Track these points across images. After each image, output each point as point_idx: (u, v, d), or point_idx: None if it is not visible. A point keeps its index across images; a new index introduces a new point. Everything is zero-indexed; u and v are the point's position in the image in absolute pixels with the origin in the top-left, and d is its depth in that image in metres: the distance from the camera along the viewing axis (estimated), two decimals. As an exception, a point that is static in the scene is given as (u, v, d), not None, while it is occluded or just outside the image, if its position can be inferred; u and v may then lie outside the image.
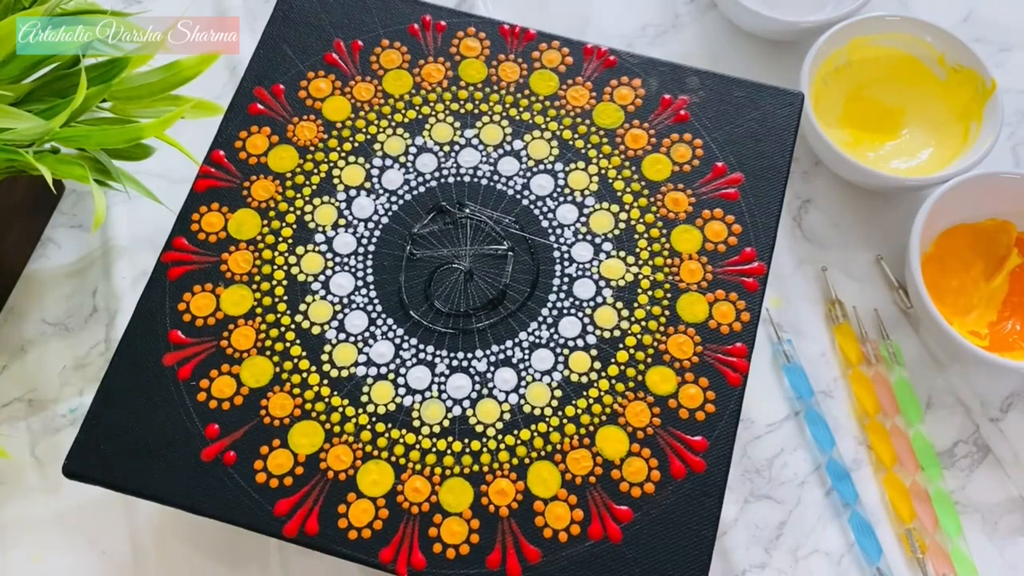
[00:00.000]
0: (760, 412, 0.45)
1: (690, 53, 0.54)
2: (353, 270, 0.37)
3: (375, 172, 0.39)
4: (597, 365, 0.35)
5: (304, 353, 0.35)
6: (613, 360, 0.35)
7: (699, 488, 0.33)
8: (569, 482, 0.33)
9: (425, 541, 0.32)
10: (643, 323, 0.36)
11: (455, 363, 0.35)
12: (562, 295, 0.36)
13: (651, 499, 0.33)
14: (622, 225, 0.38)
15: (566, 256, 0.37)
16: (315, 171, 0.38)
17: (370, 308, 0.36)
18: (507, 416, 0.34)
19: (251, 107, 0.39)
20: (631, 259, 0.37)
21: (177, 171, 0.44)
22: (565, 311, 0.36)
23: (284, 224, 0.37)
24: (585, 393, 0.35)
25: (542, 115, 0.40)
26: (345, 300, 0.36)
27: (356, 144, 0.39)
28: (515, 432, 0.34)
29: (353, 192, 0.38)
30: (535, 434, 0.34)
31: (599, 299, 0.36)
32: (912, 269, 0.43)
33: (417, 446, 0.34)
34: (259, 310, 0.36)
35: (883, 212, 0.50)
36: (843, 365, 0.46)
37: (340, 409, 0.34)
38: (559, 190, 0.38)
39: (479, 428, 0.34)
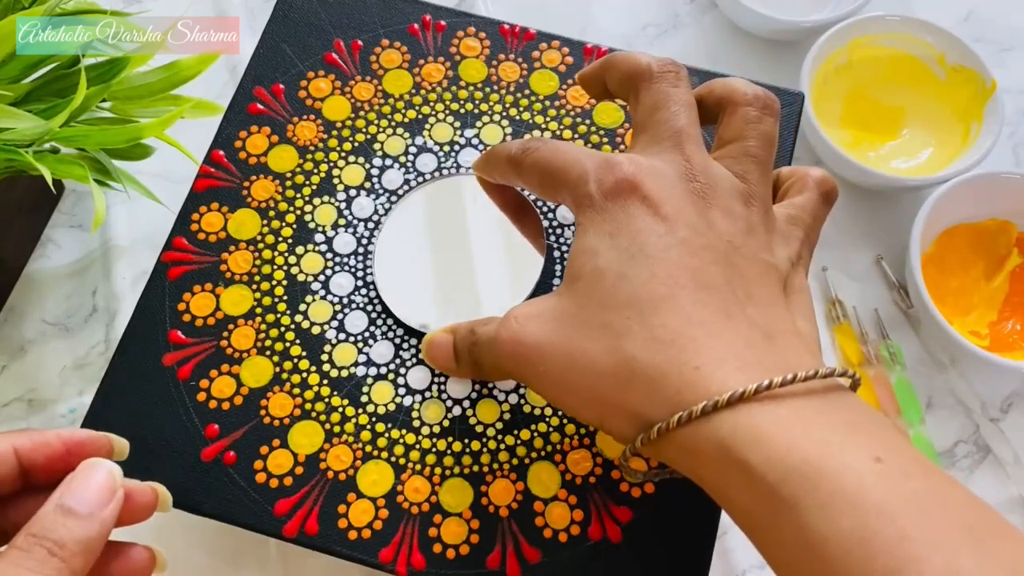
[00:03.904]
0: (760, 412, 0.45)
1: (690, 53, 0.54)
2: (353, 270, 0.37)
3: (375, 172, 0.39)
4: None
5: (304, 353, 0.35)
6: (613, 360, 0.35)
7: (700, 488, 0.33)
8: (569, 482, 0.33)
9: (425, 541, 0.32)
10: (643, 323, 0.36)
11: (455, 363, 0.35)
12: (562, 295, 0.36)
13: (651, 499, 0.33)
14: None
15: (566, 256, 0.37)
16: (315, 171, 0.38)
17: (370, 308, 0.36)
18: (507, 416, 0.34)
19: (251, 107, 0.39)
20: (631, 259, 0.37)
21: (177, 171, 0.44)
22: (565, 311, 0.36)
23: (284, 224, 0.37)
24: (585, 393, 0.35)
25: (542, 115, 0.40)
26: (345, 300, 0.36)
27: (356, 144, 0.39)
28: (515, 432, 0.34)
29: (353, 192, 0.38)
30: (535, 434, 0.34)
31: (599, 299, 0.36)
32: (912, 269, 0.43)
33: (417, 446, 0.34)
34: (259, 310, 0.36)
35: (883, 212, 0.50)
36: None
37: (340, 409, 0.34)
38: (559, 190, 0.38)
39: (479, 428, 0.34)
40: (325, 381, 0.35)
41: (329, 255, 0.37)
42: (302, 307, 0.36)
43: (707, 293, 0.25)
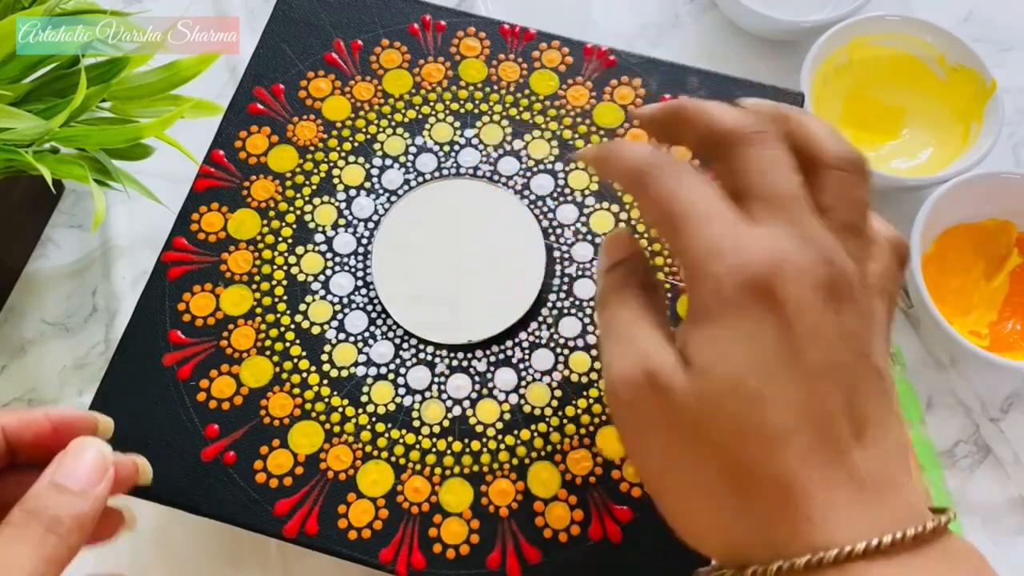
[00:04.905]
0: (760, 412, 0.45)
1: (690, 53, 0.54)
2: (353, 270, 0.37)
3: (375, 172, 0.39)
4: (597, 365, 0.35)
5: (304, 353, 0.35)
6: (613, 360, 0.35)
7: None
8: (569, 482, 0.33)
9: (425, 541, 0.32)
10: (643, 323, 0.36)
11: (455, 363, 0.35)
12: (562, 295, 0.36)
13: (651, 499, 0.33)
14: (622, 225, 0.38)
15: (566, 256, 0.37)
16: (315, 171, 0.38)
17: (369, 308, 0.36)
18: (507, 416, 0.34)
19: (251, 107, 0.39)
20: (631, 259, 0.37)
21: (177, 171, 0.44)
22: (565, 311, 0.36)
23: (284, 224, 0.37)
24: (585, 393, 0.35)
25: (542, 115, 0.40)
26: (345, 300, 0.36)
27: (356, 144, 0.39)
28: (515, 432, 0.34)
29: (353, 192, 0.38)
30: (535, 434, 0.34)
31: (599, 299, 0.36)
32: (912, 269, 0.43)
33: (417, 446, 0.34)
34: (259, 310, 0.36)
35: (883, 212, 0.49)
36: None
37: (340, 409, 0.34)
38: (559, 190, 0.38)
39: (479, 428, 0.34)
40: (325, 381, 0.35)
41: (329, 255, 0.37)
42: (302, 307, 0.36)
43: (827, 427, 0.23)
